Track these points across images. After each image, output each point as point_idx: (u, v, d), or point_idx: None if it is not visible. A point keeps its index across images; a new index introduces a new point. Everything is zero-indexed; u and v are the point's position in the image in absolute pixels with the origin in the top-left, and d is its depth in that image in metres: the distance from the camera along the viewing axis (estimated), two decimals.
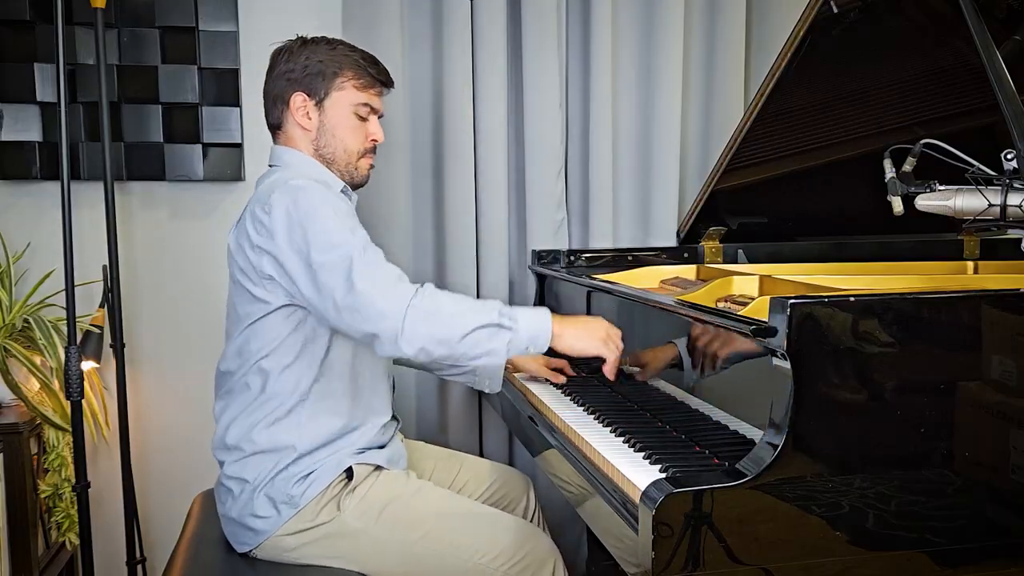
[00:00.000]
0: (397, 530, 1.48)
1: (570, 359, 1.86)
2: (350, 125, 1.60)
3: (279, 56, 1.59)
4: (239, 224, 1.52)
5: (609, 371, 1.51)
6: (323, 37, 1.61)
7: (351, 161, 1.62)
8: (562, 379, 1.81)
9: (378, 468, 1.55)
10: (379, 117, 1.65)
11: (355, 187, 1.66)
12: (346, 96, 1.58)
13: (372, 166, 1.66)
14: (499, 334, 1.38)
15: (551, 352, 1.48)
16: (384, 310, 1.34)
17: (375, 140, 1.64)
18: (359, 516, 1.48)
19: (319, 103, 1.58)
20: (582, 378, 1.82)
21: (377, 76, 1.62)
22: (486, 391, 1.88)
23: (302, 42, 1.60)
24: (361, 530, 1.48)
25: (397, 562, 1.49)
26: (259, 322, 1.49)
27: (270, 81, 1.60)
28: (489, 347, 1.38)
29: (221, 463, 1.56)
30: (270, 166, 1.63)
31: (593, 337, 1.48)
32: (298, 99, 1.57)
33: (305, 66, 1.56)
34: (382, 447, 1.59)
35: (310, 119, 1.58)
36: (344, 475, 1.50)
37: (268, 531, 1.47)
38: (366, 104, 1.61)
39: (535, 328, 1.41)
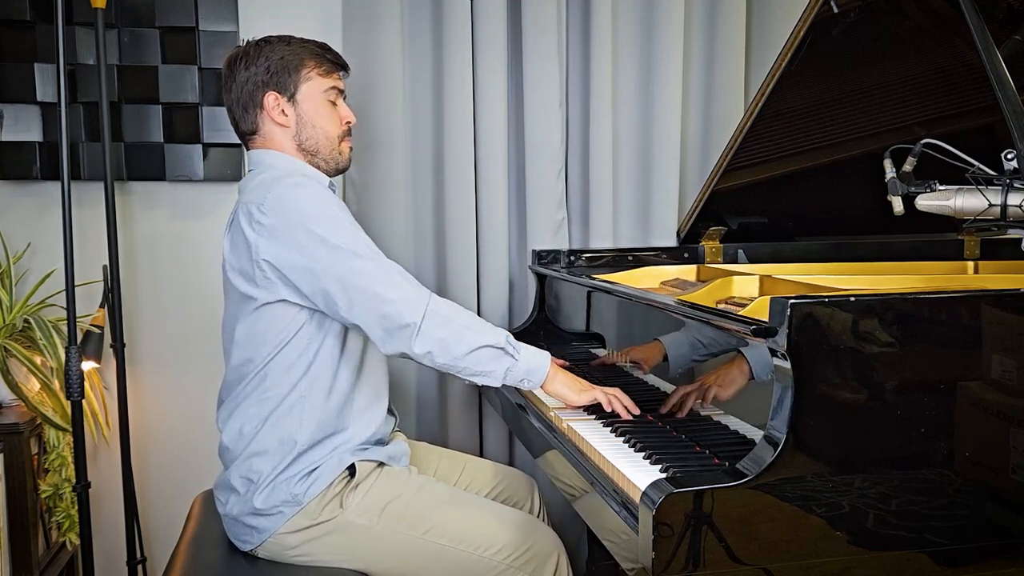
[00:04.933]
0: (400, 526, 1.49)
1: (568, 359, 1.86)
2: (325, 112, 1.61)
3: (236, 64, 1.59)
4: (232, 227, 1.52)
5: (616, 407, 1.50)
6: (273, 36, 1.62)
7: (334, 147, 1.63)
8: None
9: (380, 465, 1.55)
10: (343, 97, 1.67)
11: (340, 172, 1.68)
12: (315, 85, 1.60)
13: (351, 148, 1.68)
14: (502, 358, 1.47)
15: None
16: (402, 309, 1.41)
17: (349, 122, 1.66)
18: (362, 513, 1.49)
19: (291, 98, 1.59)
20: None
21: (336, 61, 1.65)
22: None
23: (255, 45, 1.60)
24: (364, 527, 1.48)
25: (401, 558, 1.49)
26: (260, 324, 1.49)
27: (233, 90, 1.60)
28: (489, 368, 1.46)
29: (224, 465, 1.56)
30: (250, 171, 1.63)
31: (577, 387, 1.52)
32: (271, 99, 1.58)
33: (267, 67, 1.57)
34: (383, 444, 1.59)
35: (286, 115, 1.59)
36: (347, 472, 1.50)
37: (271, 529, 1.47)
38: (334, 87, 1.63)
39: (534, 364, 1.50)
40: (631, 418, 1.48)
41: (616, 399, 1.49)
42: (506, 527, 1.53)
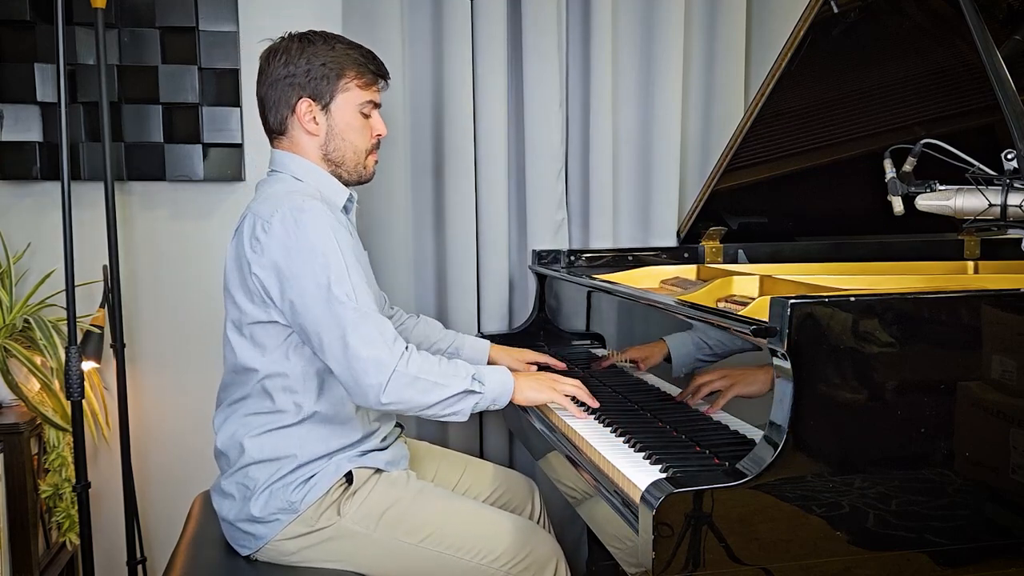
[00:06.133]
0: (398, 534, 1.48)
1: (567, 361, 1.86)
2: (357, 125, 1.58)
3: (275, 58, 1.54)
4: (237, 234, 1.49)
5: (574, 410, 1.54)
6: (317, 33, 1.57)
7: (360, 160, 1.61)
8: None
9: (378, 471, 1.54)
10: (378, 109, 1.63)
11: (361, 183, 1.65)
12: (351, 97, 1.56)
13: (377, 161, 1.65)
14: (467, 398, 1.47)
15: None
16: (369, 368, 1.39)
17: (380, 135, 1.63)
18: (359, 520, 1.47)
19: (325, 107, 1.55)
20: (582, 379, 1.82)
21: (377, 72, 1.60)
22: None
23: (298, 41, 1.54)
24: (362, 534, 1.47)
25: (399, 565, 1.48)
26: (255, 337, 1.48)
27: (267, 84, 1.54)
28: (456, 409, 1.47)
29: (220, 469, 1.56)
30: (271, 171, 1.60)
31: (544, 386, 1.55)
32: (304, 105, 1.53)
33: (308, 70, 1.52)
34: (383, 449, 1.59)
35: (317, 124, 1.55)
36: (344, 479, 1.49)
37: (268, 536, 1.47)
38: (370, 101, 1.59)
39: (499, 390, 1.50)
40: (597, 405, 1.53)
41: (573, 394, 1.54)
42: (504, 533, 1.51)
